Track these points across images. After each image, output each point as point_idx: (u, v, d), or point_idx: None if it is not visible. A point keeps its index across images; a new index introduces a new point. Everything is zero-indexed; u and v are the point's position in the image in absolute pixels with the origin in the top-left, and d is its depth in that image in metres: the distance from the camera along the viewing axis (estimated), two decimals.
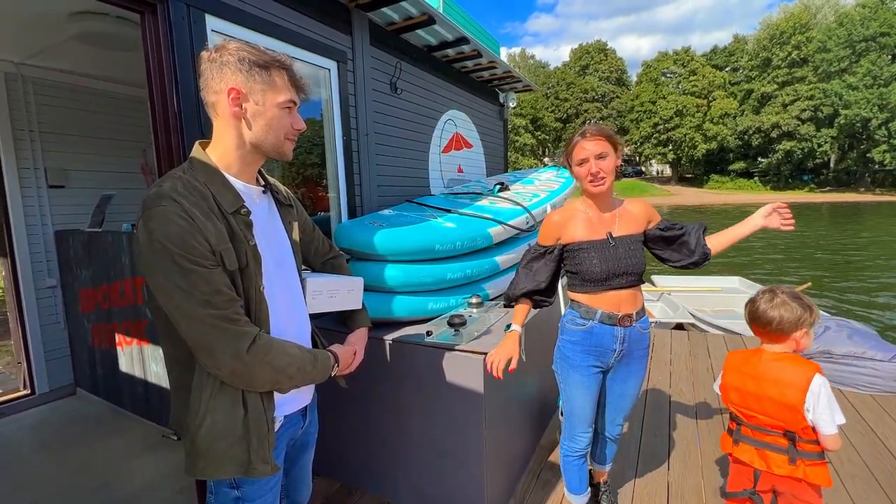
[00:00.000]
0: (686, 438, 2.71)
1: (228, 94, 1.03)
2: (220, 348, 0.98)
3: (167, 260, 0.93)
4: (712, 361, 3.89)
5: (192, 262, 0.95)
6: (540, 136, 47.98)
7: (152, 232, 0.94)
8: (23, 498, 2.29)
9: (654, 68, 49.65)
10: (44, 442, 2.84)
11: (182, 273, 0.94)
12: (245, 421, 1.06)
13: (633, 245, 1.61)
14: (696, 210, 31.93)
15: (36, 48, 2.92)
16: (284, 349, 1.08)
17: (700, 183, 49.30)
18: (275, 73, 1.07)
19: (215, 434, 1.04)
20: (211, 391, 1.04)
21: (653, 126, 47.25)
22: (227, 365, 0.99)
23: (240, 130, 1.07)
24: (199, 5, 1.86)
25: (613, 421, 1.86)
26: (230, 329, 0.98)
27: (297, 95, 1.12)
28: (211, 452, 1.04)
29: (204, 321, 0.96)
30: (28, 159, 3.18)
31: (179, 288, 0.95)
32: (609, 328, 1.63)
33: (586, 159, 1.53)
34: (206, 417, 1.04)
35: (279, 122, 1.09)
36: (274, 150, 1.12)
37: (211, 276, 0.97)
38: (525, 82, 4.78)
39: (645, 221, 1.67)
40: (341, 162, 2.70)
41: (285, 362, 1.07)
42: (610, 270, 1.58)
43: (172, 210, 0.95)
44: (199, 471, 1.05)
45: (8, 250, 3.18)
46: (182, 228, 0.94)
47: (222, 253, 1.00)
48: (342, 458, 2.36)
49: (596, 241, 1.59)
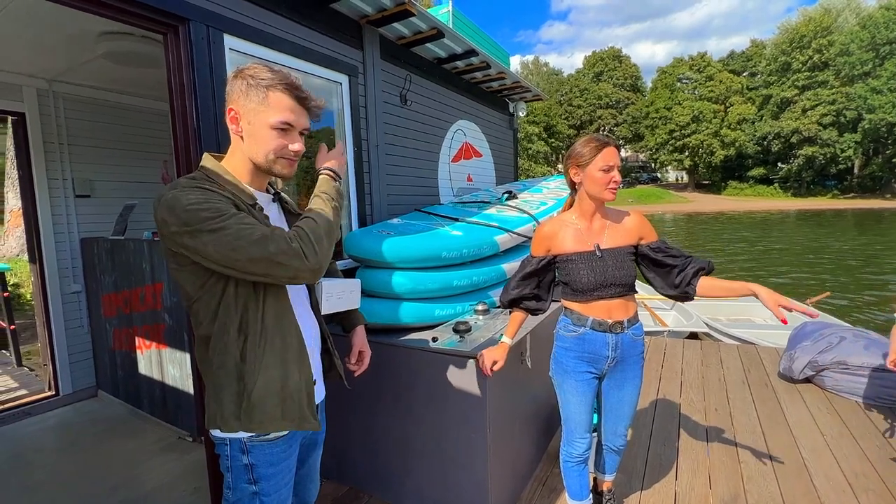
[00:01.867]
0: (695, 448, 2.68)
1: (228, 113, 1.12)
2: (289, 255, 1.01)
3: (199, 217, 0.97)
4: (724, 372, 3.84)
5: (220, 214, 0.99)
6: (553, 144, 47.86)
7: (175, 200, 0.98)
8: (43, 494, 2.39)
9: (670, 74, 49.25)
10: (65, 441, 2.95)
11: (219, 222, 0.98)
12: (296, 381, 1.14)
13: (622, 257, 1.61)
14: (714, 217, 31.40)
15: (67, 66, 3.09)
16: (308, 224, 1.11)
17: (718, 189, 48.52)
18: (273, 93, 1.10)
19: (271, 390, 1.10)
20: (265, 347, 1.10)
21: (668, 132, 46.76)
22: (308, 264, 1.04)
23: (241, 147, 1.15)
24: (217, 25, 1.96)
25: (614, 431, 1.85)
26: (283, 237, 1.03)
27: (298, 118, 1.13)
28: (268, 406, 1.10)
29: (253, 245, 0.99)
30: (57, 170, 3.35)
31: (220, 236, 0.98)
32: (601, 335, 1.65)
33: (613, 166, 1.57)
34: (261, 373, 1.09)
35: (268, 142, 1.11)
36: (266, 168, 1.15)
37: (241, 216, 1.02)
38: (534, 92, 4.83)
39: (636, 235, 1.66)
40: (352, 172, 2.78)
41: (319, 222, 1.12)
42: (598, 282, 1.60)
43: (189, 184, 1.04)
44: (256, 425, 1.09)
45: (37, 257, 3.34)
46: (205, 193, 1.02)
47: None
48: (351, 462, 2.41)
49: (584, 253, 1.62)
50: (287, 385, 1.13)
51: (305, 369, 1.18)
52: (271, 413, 1.11)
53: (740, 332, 5.06)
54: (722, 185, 48.49)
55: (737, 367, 3.94)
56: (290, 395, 1.13)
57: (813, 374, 3.41)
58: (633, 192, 48.81)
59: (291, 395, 1.13)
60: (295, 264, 1.03)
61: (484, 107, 4.44)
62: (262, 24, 2.17)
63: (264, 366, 1.11)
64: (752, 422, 2.98)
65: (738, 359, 4.12)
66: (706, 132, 44.85)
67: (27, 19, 2.38)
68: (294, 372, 1.15)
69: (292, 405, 1.13)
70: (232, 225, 0.99)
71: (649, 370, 3.93)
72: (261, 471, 1.16)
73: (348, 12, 2.67)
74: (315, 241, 1.08)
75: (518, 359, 2.23)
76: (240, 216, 1.02)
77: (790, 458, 2.55)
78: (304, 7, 2.40)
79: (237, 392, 1.10)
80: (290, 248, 1.03)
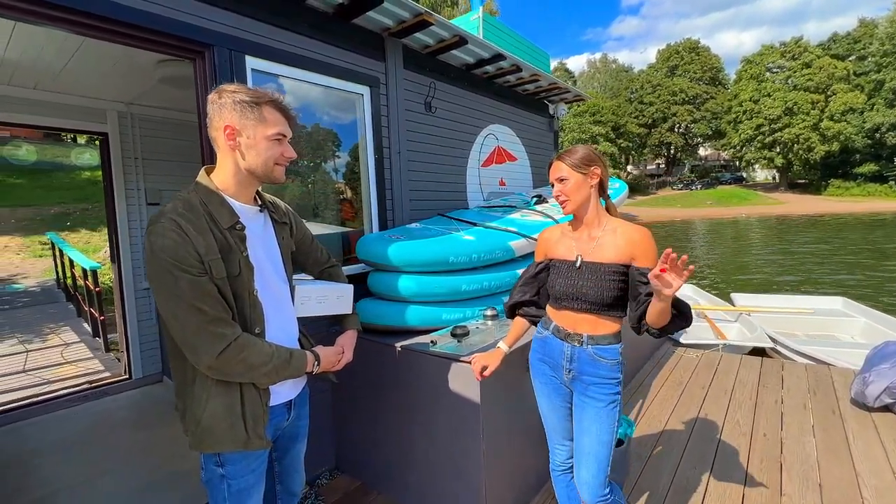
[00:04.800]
0: (730, 476, 2.44)
1: (224, 130, 1.23)
2: (199, 347, 1.15)
3: (161, 267, 1.13)
4: (783, 393, 3.44)
5: (181, 269, 1.13)
6: (622, 144, 45.52)
7: (152, 244, 1.14)
8: (109, 463, 2.75)
9: (757, 64, 44.75)
10: (132, 419, 3.37)
11: (173, 278, 1.13)
12: (242, 404, 1.25)
13: (601, 274, 1.49)
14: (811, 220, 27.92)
15: (139, 91, 3.54)
16: (260, 349, 1.23)
17: (817, 189, 43.07)
18: (265, 109, 1.24)
19: (217, 416, 1.22)
20: (212, 380, 1.22)
21: (755, 128, 42.42)
22: (203, 361, 1.16)
23: (235, 160, 1.27)
24: (239, 48, 2.16)
25: (577, 475, 1.59)
26: (209, 330, 1.16)
27: (287, 128, 1.29)
28: (215, 431, 1.22)
29: (188, 321, 1.14)
30: (133, 182, 3.84)
31: (169, 291, 1.13)
32: (559, 342, 1.60)
33: (557, 179, 1.57)
34: (209, 402, 1.22)
35: (268, 153, 1.26)
36: (265, 176, 1.30)
37: (197, 282, 1.15)
38: (574, 92, 4.68)
39: (627, 255, 1.49)
40: (373, 179, 2.89)
41: (259, 360, 1.23)
42: (566, 291, 1.55)
43: (168, 226, 1.15)
44: (206, 447, 1.24)
45: (117, 257, 3.85)
46: (175, 241, 1.13)
47: (210, 263, 1.18)
48: (363, 458, 2.50)
49: (566, 261, 1.59)
50: (234, 412, 1.24)
51: (252, 392, 1.27)
52: (220, 437, 1.23)
53: (815, 350, 4.47)
54: (822, 185, 42.95)
55: (800, 388, 3.51)
56: (237, 420, 1.24)
57: (892, 402, 2.95)
58: (712, 193, 44.93)
59: (239, 419, 1.24)
60: (195, 358, 1.17)
61: (519, 110, 4.39)
62: (282, 43, 2.34)
63: (213, 395, 1.23)
64: (807, 451, 2.65)
65: (804, 380, 3.67)
66: (802, 125, 40.07)
67: (98, 55, 2.78)
68: (241, 397, 1.25)
69: (239, 429, 1.24)
70: (183, 296, 1.13)
71: (694, 385, 3.63)
72: (226, 456, 1.27)
73: (370, 26, 2.79)
74: (245, 358, 1.19)
75: (524, 368, 2.18)
76: (198, 287, 1.14)
77: (847, 497, 2.23)
78: (326, 24, 2.55)
79: (192, 409, 1.25)
80: (209, 346, 1.15)
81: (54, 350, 5.16)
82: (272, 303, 1.36)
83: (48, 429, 3.23)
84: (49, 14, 1.62)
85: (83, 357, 4.86)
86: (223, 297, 1.20)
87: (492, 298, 2.61)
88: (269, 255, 1.39)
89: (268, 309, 1.33)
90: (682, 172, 53.98)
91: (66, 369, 4.47)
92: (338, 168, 2.93)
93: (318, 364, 1.41)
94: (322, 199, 2.89)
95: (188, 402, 1.26)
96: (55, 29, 1.71)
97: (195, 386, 1.24)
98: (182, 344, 1.17)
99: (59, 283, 9.09)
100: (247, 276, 1.26)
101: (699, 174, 53.21)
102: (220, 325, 1.17)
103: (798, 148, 40.82)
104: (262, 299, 1.30)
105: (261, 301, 1.29)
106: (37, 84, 3.24)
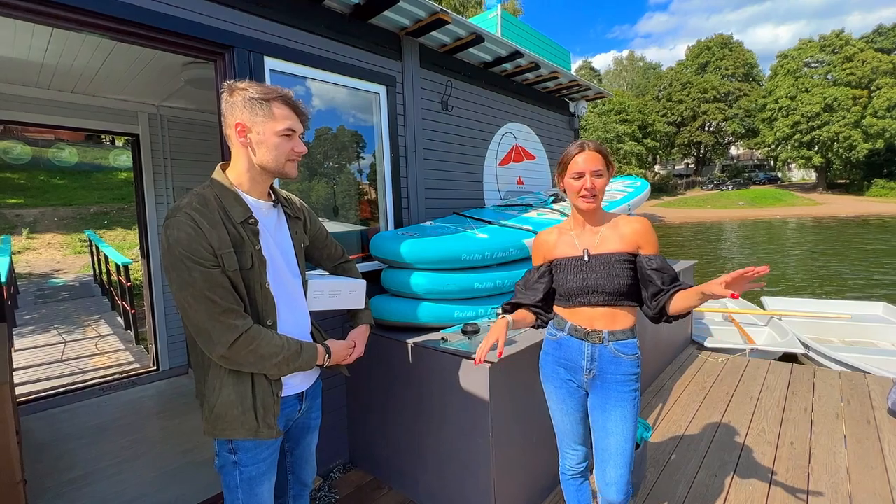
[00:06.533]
0: (753, 486, 2.35)
1: (235, 127, 1.27)
2: (212, 336, 1.19)
3: (177, 259, 1.17)
4: (814, 401, 3.28)
5: (195, 261, 1.17)
6: (649, 144, 44.35)
7: (168, 237, 1.19)
8: (137, 449, 2.87)
9: (794, 59, 42.86)
10: (159, 409, 3.51)
11: (186, 269, 1.17)
12: (253, 394, 1.29)
13: (613, 264, 1.50)
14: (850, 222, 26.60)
15: (168, 93, 3.68)
16: (271, 340, 1.27)
17: (859, 189, 40.89)
18: (275, 105, 1.27)
19: (229, 404, 1.26)
20: (225, 369, 1.26)
21: (792, 125, 40.62)
22: (216, 350, 1.20)
23: (248, 156, 1.30)
24: (258, 49, 2.21)
25: (603, 474, 1.57)
26: (220, 320, 1.19)
27: (297, 123, 1.31)
28: (227, 418, 1.27)
29: (201, 312, 1.18)
30: (162, 180, 4.00)
31: (183, 281, 1.18)
32: (577, 342, 1.56)
33: (582, 173, 1.50)
34: (222, 390, 1.27)
35: (279, 148, 1.29)
36: (277, 171, 1.33)
37: (209, 274, 1.19)
38: (595, 90, 4.60)
39: (633, 244, 1.53)
40: (388, 177, 2.91)
41: (270, 351, 1.26)
42: (581, 287, 1.53)
43: (183, 220, 1.19)
44: (219, 432, 1.28)
45: (146, 253, 4.01)
46: (189, 235, 1.18)
47: (223, 256, 1.22)
48: (376, 453, 2.53)
49: (573, 258, 1.57)
50: (245, 400, 1.28)
51: (264, 382, 1.31)
52: (231, 423, 1.27)
53: (851, 358, 4.25)
54: (864, 185, 40.77)
55: (832, 396, 3.34)
56: (249, 408, 1.28)
57: None
58: (745, 193, 43.25)
59: (250, 408, 1.29)
60: (208, 348, 1.21)
61: (538, 108, 4.34)
62: (299, 44, 2.39)
63: (226, 383, 1.27)
64: (837, 462, 2.52)
65: (837, 387, 3.49)
66: (842, 122, 38.15)
67: (129, 58, 2.91)
68: (252, 387, 1.29)
69: (250, 418, 1.28)
70: (196, 286, 1.17)
71: (718, 391, 3.51)
72: (239, 443, 1.31)
73: (387, 26, 2.82)
74: (255, 349, 1.23)
75: (533, 369, 2.16)
76: (211, 278, 1.18)
77: None
78: (342, 24, 2.59)
79: (206, 396, 1.30)
80: (221, 336, 1.19)
81: (90, 341, 5.43)
82: (284, 296, 1.39)
83: (81, 415, 3.40)
84: (78, 19, 1.71)
85: (115, 348, 5.09)
86: (235, 290, 1.24)
87: (505, 297, 2.59)
88: (281, 249, 1.42)
89: (279, 302, 1.36)
90: (713, 172, 52.25)
91: (100, 360, 4.70)
92: (362, 169, 2.97)
93: (329, 357, 1.44)
94: (342, 198, 2.94)
95: (204, 390, 1.31)
96: (84, 33, 1.80)
97: (210, 375, 1.29)
98: (196, 334, 1.22)
99: (95, 278, 9.56)
100: (259, 269, 1.29)
101: (731, 174, 51.33)
102: (231, 315, 1.21)
103: (838, 146, 38.88)
104: (274, 292, 1.34)
105: (273, 294, 1.33)
106: (74, 87, 3.41)
